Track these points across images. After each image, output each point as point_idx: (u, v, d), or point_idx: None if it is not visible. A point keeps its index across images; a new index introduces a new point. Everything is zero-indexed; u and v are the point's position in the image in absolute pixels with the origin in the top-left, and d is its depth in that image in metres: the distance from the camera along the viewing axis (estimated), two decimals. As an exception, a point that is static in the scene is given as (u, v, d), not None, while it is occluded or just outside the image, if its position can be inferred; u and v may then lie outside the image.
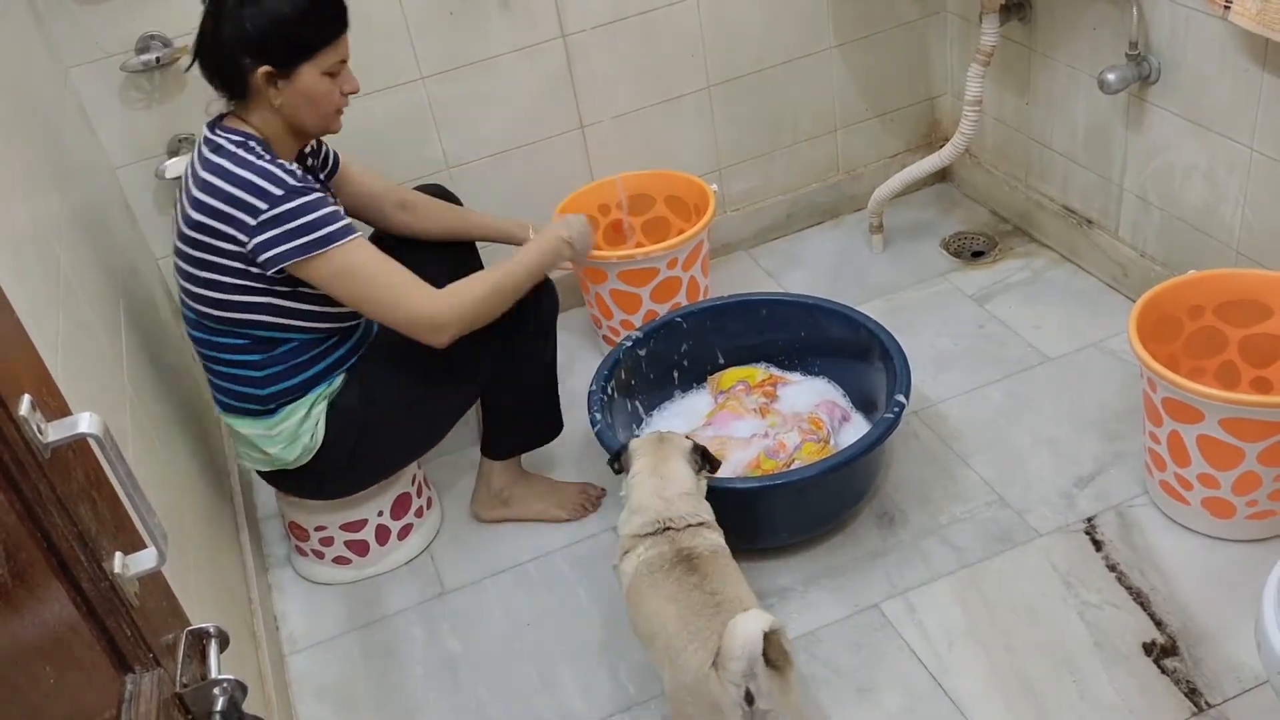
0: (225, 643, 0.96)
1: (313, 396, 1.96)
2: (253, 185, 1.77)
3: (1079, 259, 2.75)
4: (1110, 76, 2.30)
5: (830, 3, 2.78)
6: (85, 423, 0.82)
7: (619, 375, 2.29)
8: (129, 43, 2.28)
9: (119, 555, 0.87)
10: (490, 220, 2.32)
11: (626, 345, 2.33)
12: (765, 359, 2.45)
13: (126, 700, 0.84)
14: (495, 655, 2.05)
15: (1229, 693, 1.77)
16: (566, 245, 2.09)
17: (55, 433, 0.81)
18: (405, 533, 2.26)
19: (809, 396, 2.34)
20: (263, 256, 1.78)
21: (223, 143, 1.82)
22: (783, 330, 2.41)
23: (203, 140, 1.86)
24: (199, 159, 1.84)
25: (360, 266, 1.81)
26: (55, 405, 0.88)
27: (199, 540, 1.87)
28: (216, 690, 0.90)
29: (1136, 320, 1.95)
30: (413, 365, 1.99)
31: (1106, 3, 2.36)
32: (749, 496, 2.00)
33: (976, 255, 2.88)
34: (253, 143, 1.82)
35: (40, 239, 1.62)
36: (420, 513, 2.29)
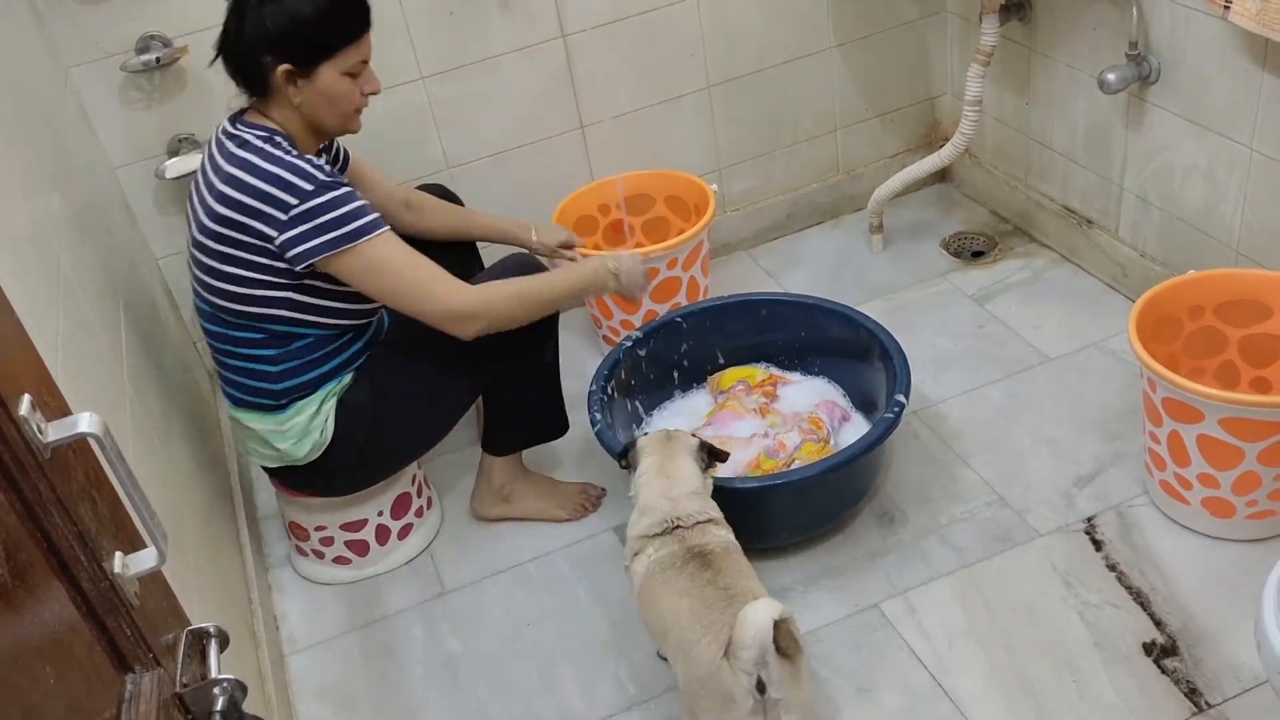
0: (225, 643, 0.96)
1: (323, 393, 1.97)
2: (282, 180, 1.77)
3: (1079, 259, 2.75)
4: (1110, 76, 2.30)
5: (830, 3, 2.78)
6: (85, 422, 0.82)
7: (619, 375, 2.29)
8: (129, 43, 2.28)
9: (119, 555, 0.87)
10: (492, 220, 2.33)
11: (626, 345, 2.33)
12: (765, 359, 2.45)
13: (126, 700, 0.84)
14: (495, 655, 2.06)
15: (1229, 693, 1.77)
16: (611, 276, 2.06)
17: (55, 432, 0.81)
18: (405, 532, 2.26)
19: (809, 396, 2.34)
20: (292, 251, 1.79)
21: (248, 137, 1.82)
22: (783, 330, 2.41)
23: (222, 134, 1.86)
24: (221, 152, 1.83)
25: (389, 260, 1.82)
26: (55, 405, 0.88)
27: (199, 540, 1.87)
28: (216, 690, 0.90)
29: (1136, 320, 1.95)
30: (420, 361, 2.00)
31: (1106, 3, 2.36)
32: (749, 496, 1.99)
33: (976, 255, 2.88)
34: (278, 137, 1.83)
35: (40, 239, 1.62)
36: (420, 513, 2.29)
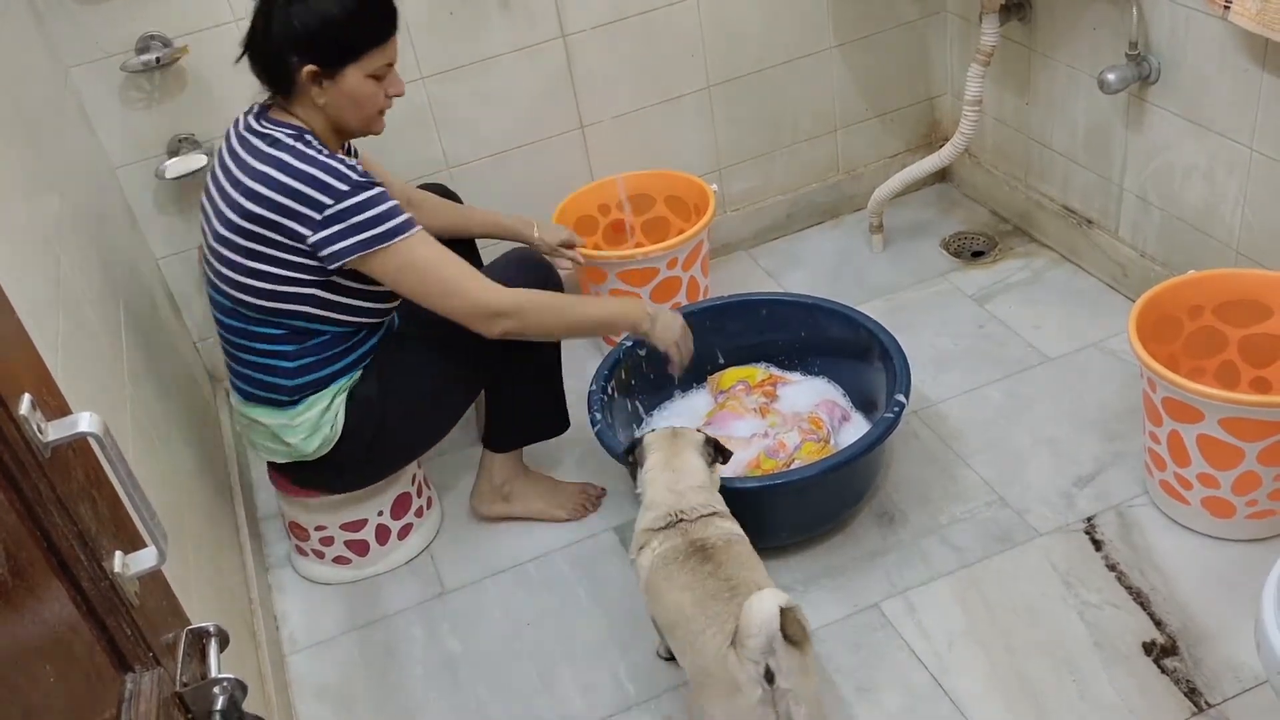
0: (225, 642, 0.96)
1: (335, 388, 1.98)
2: (317, 180, 1.78)
3: (1079, 259, 2.75)
4: (1110, 76, 2.30)
5: (830, 3, 2.78)
6: (85, 422, 0.82)
7: (619, 375, 2.29)
8: (129, 43, 2.28)
9: (119, 554, 0.87)
10: (494, 217, 2.34)
11: (626, 345, 2.33)
12: (765, 359, 2.45)
13: (126, 699, 0.84)
14: (495, 655, 2.06)
15: (1228, 692, 1.77)
16: (646, 318, 2.04)
17: (55, 432, 0.81)
18: (405, 532, 2.26)
19: (809, 396, 2.34)
20: (325, 251, 1.80)
21: (279, 135, 1.82)
22: (783, 330, 2.42)
23: (245, 130, 1.86)
24: (246, 148, 1.84)
25: (423, 260, 1.84)
26: (55, 405, 0.88)
27: (199, 540, 1.87)
28: (216, 689, 0.90)
29: (1136, 320, 1.95)
30: (427, 355, 2.01)
31: (1106, 3, 2.36)
32: (749, 496, 1.99)
33: (976, 255, 2.88)
34: (308, 135, 1.84)
35: (40, 239, 1.62)
36: (420, 512, 2.29)
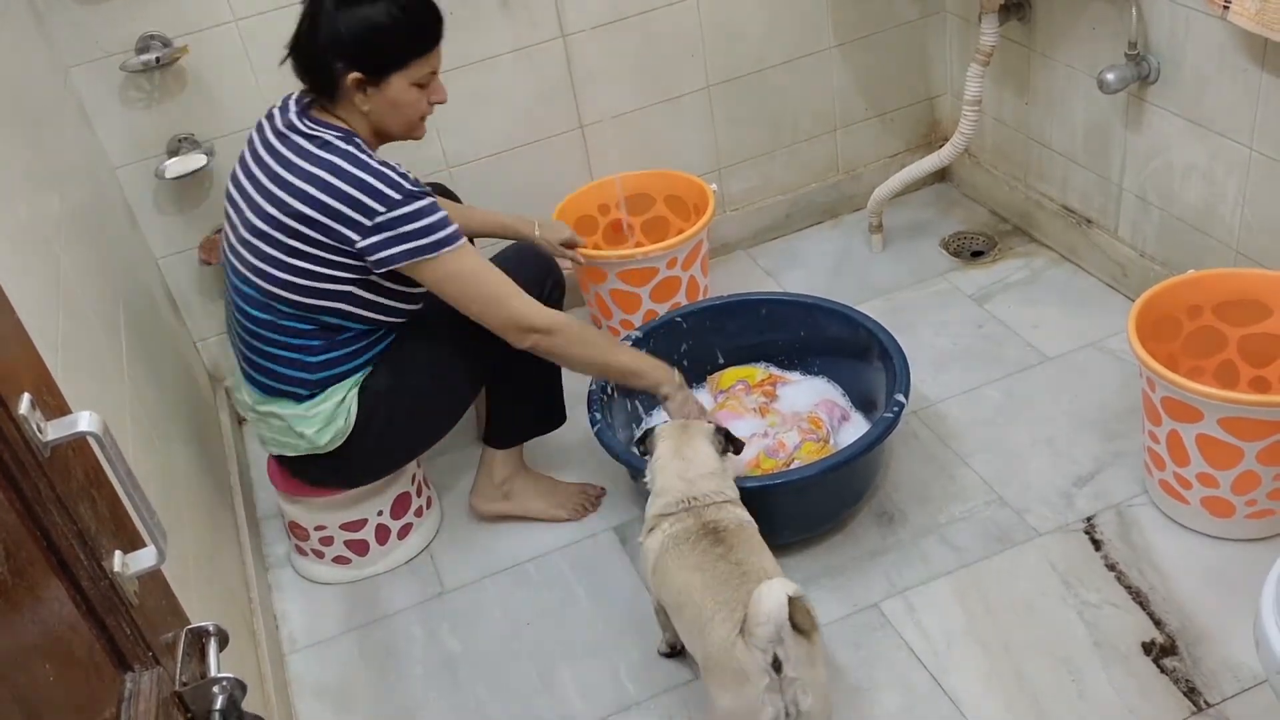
0: (225, 641, 0.96)
1: (351, 381, 1.99)
2: (369, 186, 1.79)
3: (1078, 259, 2.75)
4: (1110, 76, 2.30)
5: (830, 3, 2.78)
6: (85, 421, 0.82)
7: (619, 375, 2.29)
8: (129, 43, 2.28)
9: (118, 554, 0.87)
10: (495, 216, 2.34)
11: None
12: (765, 359, 2.45)
13: (126, 699, 0.84)
14: (495, 655, 2.06)
15: (1228, 692, 1.77)
16: (673, 386, 2.06)
17: (55, 431, 0.81)
18: (405, 532, 2.26)
19: (808, 396, 2.34)
20: (375, 256, 1.81)
21: (328, 138, 1.83)
22: (782, 330, 2.42)
23: (287, 126, 1.86)
24: (290, 147, 1.84)
25: (469, 271, 1.87)
26: (55, 404, 0.88)
27: (199, 539, 1.87)
28: (216, 689, 0.90)
29: (1136, 320, 1.95)
30: (434, 348, 2.03)
31: (1106, 3, 2.36)
32: (749, 496, 1.99)
33: (976, 255, 2.88)
34: (356, 139, 1.85)
35: (40, 239, 1.62)
36: (420, 512, 2.29)
